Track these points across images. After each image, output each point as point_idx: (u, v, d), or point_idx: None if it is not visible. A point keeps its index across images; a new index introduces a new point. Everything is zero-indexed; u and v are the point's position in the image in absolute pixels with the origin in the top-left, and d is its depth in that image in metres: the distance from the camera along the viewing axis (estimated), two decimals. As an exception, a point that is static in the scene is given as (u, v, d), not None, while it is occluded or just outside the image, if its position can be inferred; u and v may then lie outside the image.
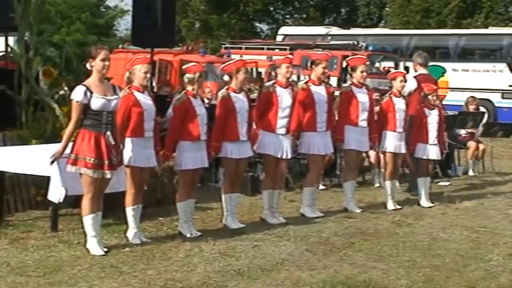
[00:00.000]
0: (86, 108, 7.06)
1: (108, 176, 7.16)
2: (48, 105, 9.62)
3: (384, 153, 10.27)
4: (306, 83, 9.37)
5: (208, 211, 9.16)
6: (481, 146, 13.77)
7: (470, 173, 13.60)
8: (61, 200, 7.78)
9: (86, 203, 7.17)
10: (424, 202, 10.38)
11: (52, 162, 7.21)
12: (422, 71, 11.90)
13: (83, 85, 7.10)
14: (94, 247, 7.15)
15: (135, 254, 7.18)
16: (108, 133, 7.15)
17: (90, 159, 7.04)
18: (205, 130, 8.05)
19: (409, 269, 7.04)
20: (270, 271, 6.81)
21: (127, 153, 7.47)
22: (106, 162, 7.10)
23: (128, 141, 7.51)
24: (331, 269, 6.97)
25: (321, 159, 9.57)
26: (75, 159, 7.05)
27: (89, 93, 7.04)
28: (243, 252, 7.45)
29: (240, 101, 8.47)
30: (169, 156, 8.06)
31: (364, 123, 9.70)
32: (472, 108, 14.13)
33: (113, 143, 7.18)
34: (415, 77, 11.68)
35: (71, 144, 7.14)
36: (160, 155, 7.91)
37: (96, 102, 7.06)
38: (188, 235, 7.99)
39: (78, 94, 7.06)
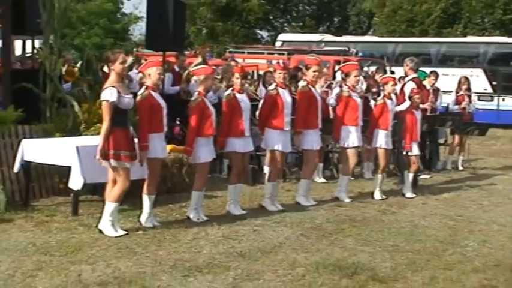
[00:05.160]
0: (115, 107, 7.08)
1: (137, 165, 7.27)
2: (69, 102, 9.64)
3: (377, 149, 10.26)
4: (307, 85, 9.33)
5: (213, 199, 9.17)
6: (464, 139, 13.73)
7: (449, 167, 13.61)
8: (80, 188, 7.82)
9: (118, 193, 7.18)
10: (408, 193, 10.39)
11: (101, 160, 7.14)
12: (414, 74, 11.88)
13: (113, 87, 7.10)
14: (110, 230, 7.18)
15: (147, 237, 7.20)
16: (131, 128, 7.20)
17: (127, 153, 7.10)
18: (215, 126, 8.07)
19: (394, 253, 7.06)
20: (268, 253, 6.83)
21: (153, 148, 7.46)
22: (134, 153, 7.19)
23: (153, 137, 7.47)
24: (324, 252, 6.98)
25: (317, 154, 9.56)
26: (116, 155, 7.06)
27: (118, 94, 7.06)
28: (245, 236, 7.46)
29: (244, 100, 8.50)
30: (190, 151, 8.00)
31: (360, 123, 9.79)
32: (464, 88, 13.99)
33: (135, 136, 7.25)
34: (411, 79, 11.67)
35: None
36: (182, 151, 7.94)
37: (124, 102, 7.10)
38: (195, 220, 8.02)
39: (111, 95, 7.05)
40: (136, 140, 7.39)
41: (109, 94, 7.06)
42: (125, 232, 7.24)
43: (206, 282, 5.85)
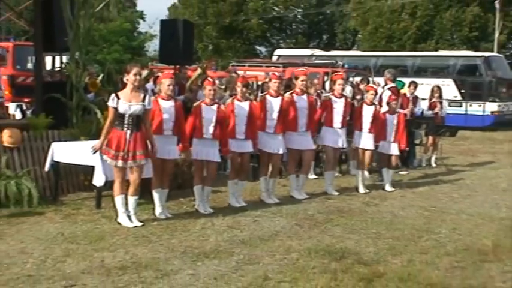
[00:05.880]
0: (115, 111, 7.09)
1: (120, 165, 7.08)
2: (93, 110, 9.63)
3: (356, 148, 10.24)
4: (290, 93, 9.27)
5: (218, 193, 9.14)
6: (437, 140, 13.73)
7: (424, 164, 13.57)
8: (102, 184, 7.80)
9: (115, 186, 7.19)
10: (388, 187, 10.37)
11: (94, 153, 7.24)
12: (391, 84, 11.88)
13: (114, 93, 7.18)
14: (126, 221, 7.17)
15: (161, 227, 7.19)
16: (128, 132, 7.09)
17: (110, 151, 7.08)
18: (211, 130, 7.95)
19: (376, 239, 7.05)
20: (267, 240, 6.82)
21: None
22: (120, 154, 7.06)
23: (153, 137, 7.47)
24: (315, 239, 6.97)
25: (296, 152, 9.32)
26: (103, 149, 7.15)
27: (116, 100, 7.06)
28: (246, 225, 7.45)
29: (241, 107, 8.39)
30: (182, 147, 7.93)
31: (338, 125, 9.67)
32: (436, 96, 13.97)
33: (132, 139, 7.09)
34: (389, 88, 11.67)
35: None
36: (179, 148, 7.87)
37: (121, 107, 7.09)
38: (203, 212, 7.99)
39: (109, 101, 7.16)
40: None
41: (109, 100, 7.17)
42: (142, 223, 7.23)
43: (213, 266, 5.84)
